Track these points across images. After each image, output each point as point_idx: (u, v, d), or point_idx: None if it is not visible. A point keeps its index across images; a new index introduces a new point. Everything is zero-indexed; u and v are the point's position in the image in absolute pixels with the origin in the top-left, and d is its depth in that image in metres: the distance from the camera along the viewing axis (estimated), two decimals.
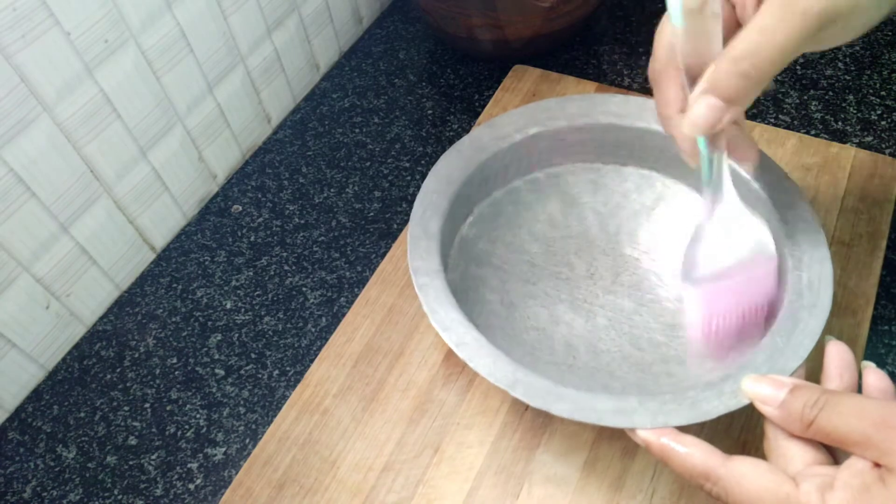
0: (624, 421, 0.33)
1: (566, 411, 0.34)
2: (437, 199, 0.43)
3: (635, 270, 0.45)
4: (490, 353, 0.36)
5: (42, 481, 0.45)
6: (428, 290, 0.39)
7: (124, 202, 0.51)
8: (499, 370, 0.36)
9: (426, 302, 0.38)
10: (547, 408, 0.34)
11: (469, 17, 0.59)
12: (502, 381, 0.35)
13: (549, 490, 0.41)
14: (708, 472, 0.31)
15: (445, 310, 0.38)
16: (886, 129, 0.56)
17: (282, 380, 0.48)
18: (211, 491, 0.44)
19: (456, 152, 0.45)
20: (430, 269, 0.40)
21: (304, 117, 0.64)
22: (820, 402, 0.30)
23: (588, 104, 0.47)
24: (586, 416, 0.34)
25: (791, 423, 0.31)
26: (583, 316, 0.44)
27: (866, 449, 0.28)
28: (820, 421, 0.29)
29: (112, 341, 0.51)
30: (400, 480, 0.42)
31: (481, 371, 0.36)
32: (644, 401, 0.34)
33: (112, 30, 0.46)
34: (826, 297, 0.37)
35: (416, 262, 0.40)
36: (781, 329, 0.36)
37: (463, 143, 0.46)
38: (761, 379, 0.33)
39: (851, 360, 0.33)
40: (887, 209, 0.50)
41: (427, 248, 0.41)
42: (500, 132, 0.46)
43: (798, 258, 0.39)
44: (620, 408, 0.34)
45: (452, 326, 0.37)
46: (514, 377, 0.35)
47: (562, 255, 0.47)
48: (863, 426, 0.28)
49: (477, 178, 0.45)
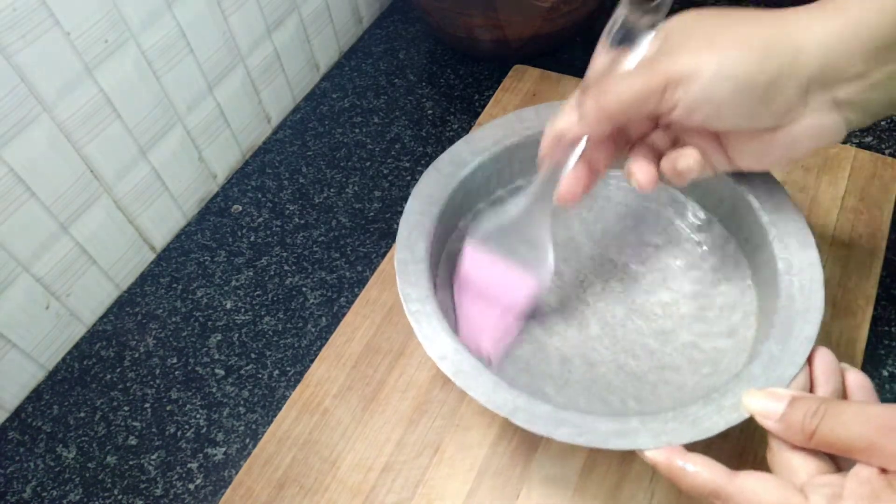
0: (627, 443, 0.34)
1: (569, 436, 0.34)
2: (421, 219, 0.42)
3: (623, 275, 0.45)
4: (488, 379, 0.36)
5: (42, 481, 0.45)
6: (420, 316, 0.38)
7: (124, 202, 0.51)
8: (499, 397, 0.36)
9: (419, 330, 0.38)
10: (549, 434, 0.34)
11: (469, 17, 0.59)
12: (503, 409, 0.35)
13: (548, 491, 0.41)
14: (717, 490, 0.31)
15: (439, 337, 0.38)
16: (886, 129, 0.56)
17: (282, 380, 0.48)
18: (211, 491, 0.44)
19: (435, 171, 0.45)
20: (421, 295, 0.39)
21: (304, 117, 0.64)
22: (820, 412, 0.30)
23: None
24: (590, 441, 0.34)
25: (793, 434, 0.31)
26: (575, 326, 0.44)
27: (871, 455, 0.28)
28: (822, 430, 0.29)
29: (112, 341, 0.51)
30: (400, 481, 0.42)
31: (480, 399, 0.36)
32: (646, 421, 0.34)
33: (112, 30, 0.46)
34: (818, 301, 0.37)
35: (406, 289, 0.39)
36: (776, 336, 0.36)
37: (442, 161, 0.45)
38: (759, 393, 0.33)
39: (836, 364, 0.34)
40: (887, 209, 0.50)
41: (416, 271, 0.40)
42: (479, 146, 0.46)
43: (788, 262, 0.39)
44: (623, 430, 0.34)
45: (448, 355, 0.37)
46: (514, 404, 0.35)
47: None
48: (866, 433, 0.28)
49: (459, 194, 0.45)
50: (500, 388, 0.36)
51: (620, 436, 0.34)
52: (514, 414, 0.35)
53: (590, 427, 0.34)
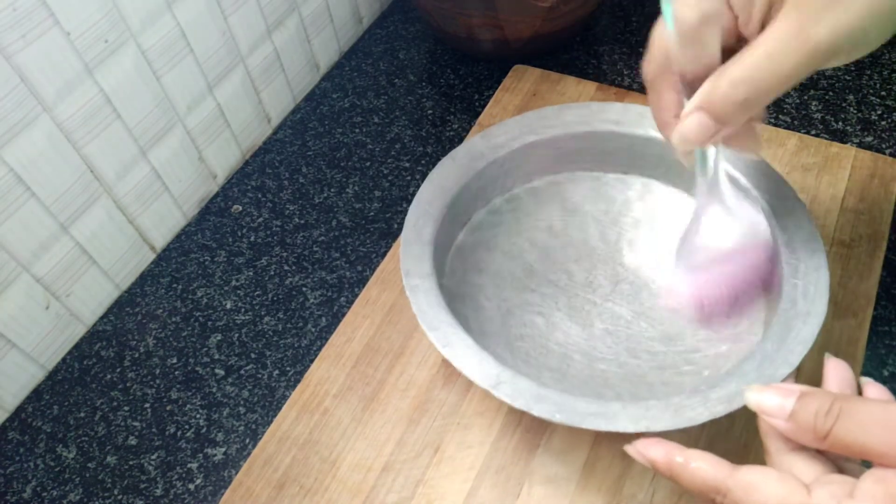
0: (605, 424, 0.33)
1: (547, 412, 0.34)
2: (431, 207, 0.43)
3: (635, 279, 0.45)
4: (476, 354, 0.36)
5: (42, 481, 0.45)
6: (418, 291, 0.39)
7: (124, 202, 0.51)
8: (483, 371, 0.36)
9: (415, 303, 0.38)
10: (528, 409, 0.34)
11: (469, 17, 0.59)
12: (486, 382, 0.35)
13: (549, 490, 0.41)
14: (717, 485, 0.29)
15: (434, 311, 0.38)
16: (886, 129, 0.56)
17: (282, 380, 0.48)
18: (211, 491, 0.44)
19: (451, 161, 0.45)
20: (422, 273, 0.40)
21: (304, 117, 0.64)
22: (834, 411, 0.27)
23: (587, 112, 0.47)
24: (568, 418, 0.34)
25: (803, 434, 0.28)
26: (580, 324, 0.44)
27: (893, 460, 0.26)
28: (838, 433, 0.27)
29: (112, 341, 0.51)
30: (400, 480, 0.42)
31: (465, 371, 0.36)
32: (627, 406, 0.34)
33: (112, 30, 0.46)
34: (821, 306, 0.37)
35: (407, 265, 0.40)
36: (773, 336, 0.36)
37: (458, 152, 0.45)
38: (766, 388, 0.30)
39: (851, 376, 0.31)
40: (887, 209, 0.50)
41: (419, 253, 0.41)
42: (496, 141, 0.46)
43: (794, 266, 0.39)
44: (602, 411, 0.34)
45: (441, 327, 0.37)
46: (497, 378, 0.35)
47: (561, 262, 0.47)
48: (887, 436, 0.26)
49: (474, 186, 0.45)
50: (487, 362, 0.36)
51: (599, 417, 0.34)
52: (496, 387, 0.35)
53: (569, 406, 0.34)
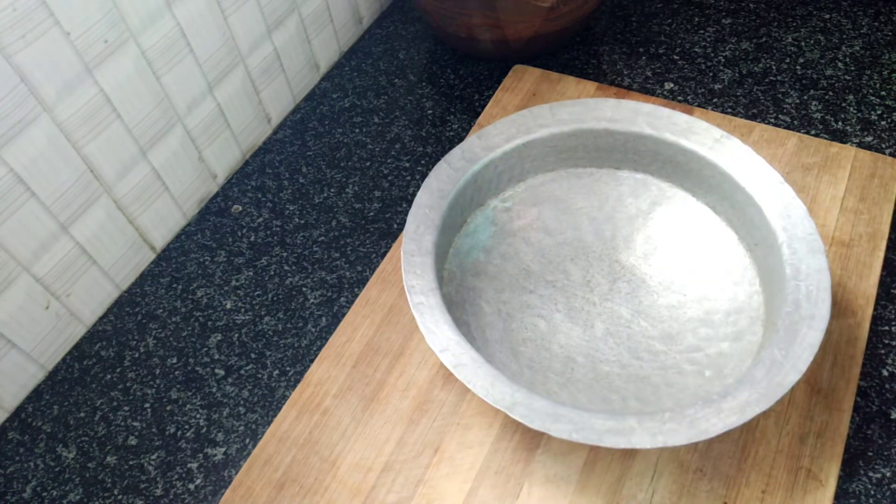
0: (623, 441, 0.34)
1: (565, 432, 0.34)
2: (429, 213, 0.43)
3: (631, 277, 0.45)
4: (488, 373, 0.36)
5: (42, 481, 0.45)
6: (423, 309, 0.39)
7: (124, 202, 0.51)
8: (497, 391, 0.36)
9: (422, 322, 0.38)
10: (546, 429, 0.34)
11: (469, 17, 0.59)
12: (501, 403, 0.35)
13: (548, 491, 0.41)
14: None
15: (441, 329, 0.38)
16: (886, 129, 0.56)
17: (282, 380, 0.48)
18: (211, 491, 0.44)
19: (446, 165, 0.45)
20: (426, 288, 0.39)
21: (304, 117, 0.64)
22: None
23: (581, 109, 0.47)
24: (585, 437, 0.34)
25: None
26: (580, 325, 0.44)
27: None
28: None
29: (112, 341, 0.51)
30: (400, 480, 0.42)
31: (479, 393, 0.36)
32: (643, 420, 0.34)
33: (112, 30, 0.46)
34: (824, 308, 0.37)
35: (411, 281, 0.40)
36: (780, 342, 0.36)
37: (453, 155, 0.45)
38: None
39: None
40: (887, 209, 0.50)
41: (422, 264, 0.40)
42: (491, 142, 0.46)
43: (796, 267, 0.39)
44: (619, 428, 0.34)
45: (449, 347, 0.37)
46: (512, 399, 0.35)
47: (557, 262, 0.47)
48: None
49: (469, 189, 0.45)
50: (500, 381, 0.36)
51: (616, 434, 0.34)
52: (512, 408, 0.35)
53: (586, 424, 0.34)
